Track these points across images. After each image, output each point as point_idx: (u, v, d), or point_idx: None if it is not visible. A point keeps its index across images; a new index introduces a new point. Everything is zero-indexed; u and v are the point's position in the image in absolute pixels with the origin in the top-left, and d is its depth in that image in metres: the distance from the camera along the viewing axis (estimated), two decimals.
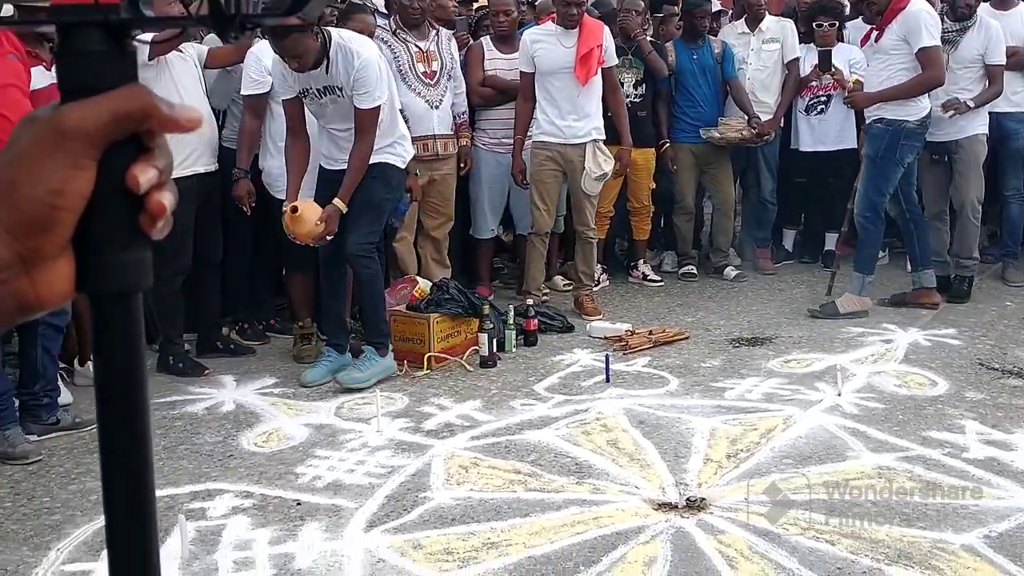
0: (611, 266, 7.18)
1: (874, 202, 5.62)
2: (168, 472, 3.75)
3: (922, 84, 5.52)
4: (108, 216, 0.57)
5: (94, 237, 0.58)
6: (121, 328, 0.60)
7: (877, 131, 5.56)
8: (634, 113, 6.59)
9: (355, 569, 2.95)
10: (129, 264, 0.59)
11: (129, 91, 0.56)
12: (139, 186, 0.56)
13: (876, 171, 5.56)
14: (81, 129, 0.54)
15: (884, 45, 5.54)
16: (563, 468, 3.69)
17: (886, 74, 5.54)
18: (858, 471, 3.61)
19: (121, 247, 0.58)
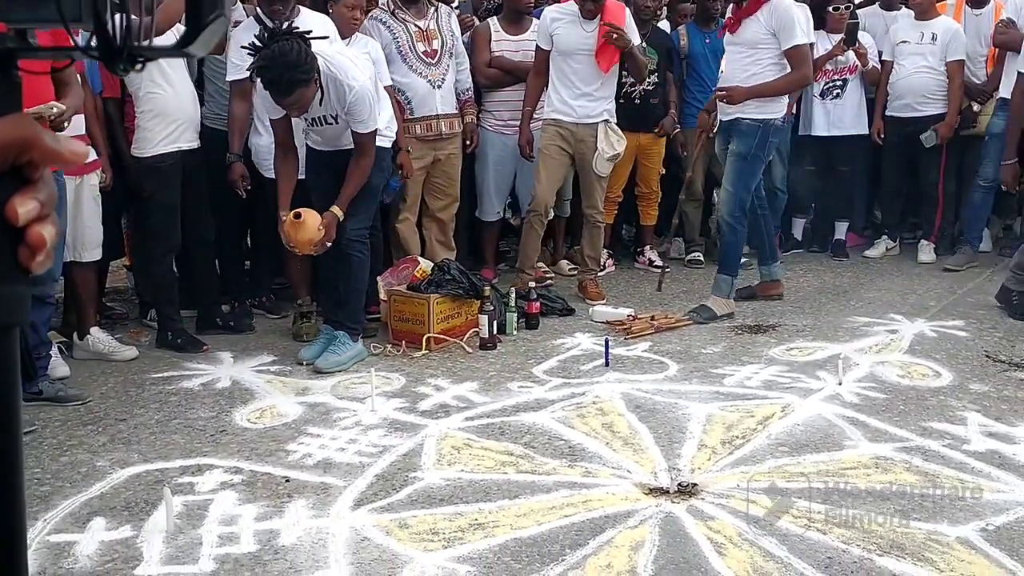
0: (617, 251, 7.13)
1: (743, 201, 5.38)
2: (160, 446, 3.73)
3: (794, 83, 5.36)
4: None
5: None
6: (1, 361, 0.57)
7: (748, 128, 5.29)
8: (646, 100, 6.54)
9: (339, 547, 2.92)
10: (7, 298, 0.56)
11: (11, 121, 0.54)
12: (18, 218, 0.54)
13: (746, 169, 5.32)
14: None
15: (749, 37, 5.24)
16: (556, 451, 3.65)
17: (753, 69, 5.24)
18: (855, 460, 3.55)
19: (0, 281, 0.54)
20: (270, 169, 4.91)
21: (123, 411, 4.13)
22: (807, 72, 5.35)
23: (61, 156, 0.56)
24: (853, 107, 7.03)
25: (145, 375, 4.61)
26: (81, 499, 3.26)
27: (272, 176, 4.86)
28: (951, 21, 6.88)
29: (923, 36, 6.75)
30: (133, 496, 3.28)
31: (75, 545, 2.95)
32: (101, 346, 4.82)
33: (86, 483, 3.39)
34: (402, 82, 5.56)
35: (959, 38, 6.70)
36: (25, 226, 0.55)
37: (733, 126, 5.37)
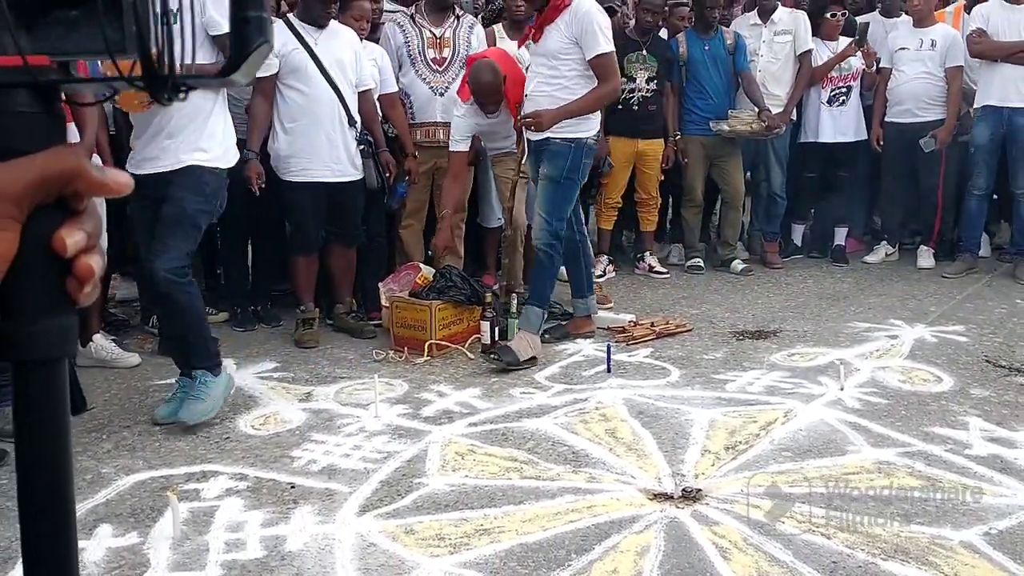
0: (617, 257, 7.15)
1: (557, 228, 4.85)
2: (164, 453, 3.74)
3: (603, 97, 4.84)
4: (34, 282, 0.56)
5: (19, 303, 0.56)
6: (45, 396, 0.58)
7: (559, 149, 4.77)
8: (645, 107, 6.58)
9: (345, 552, 2.93)
10: (54, 331, 0.57)
11: (56, 153, 0.55)
12: (66, 249, 0.55)
13: (560, 193, 4.82)
14: (5, 192, 0.52)
15: (551, 47, 4.72)
16: (560, 456, 3.66)
17: (560, 83, 4.74)
18: (858, 465, 3.57)
19: (47, 314, 0.56)
20: (287, 172, 5.02)
21: (127, 418, 4.14)
22: (616, 84, 4.87)
23: (107, 187, 0.57)
24: (855, 114, 7.08)
25: (148, 382, 4.62)
26: (87, 506, 3.27)
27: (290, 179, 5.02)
28: (949, 28, 6.93)
29: (922, 43, 6.79)
30: (139, 503, 3.29)
31: (82, 552, 2.96)
32: (104, 353, 4.83)
33: (92, 490, 3.40)
34: (406, 85, 5.63)
35: (958, 44, 6.73)
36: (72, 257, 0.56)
37: (543, 148, 4.86)
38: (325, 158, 5.05)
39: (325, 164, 5.07)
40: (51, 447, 0.60)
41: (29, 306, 0.57)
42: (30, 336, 0.57)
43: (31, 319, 0.57)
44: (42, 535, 0.62)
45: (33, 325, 0.57)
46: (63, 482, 0.61)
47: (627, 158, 6.64)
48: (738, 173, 6.96)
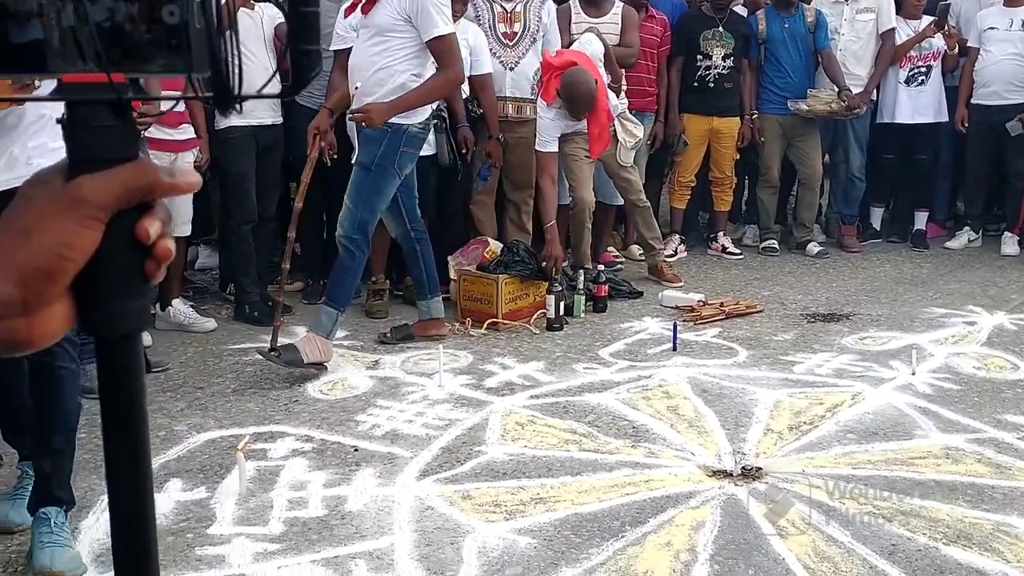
0: (690, 237, 7.09)
1: (366, 221, 4.31)
2: (235, 413, 3.86)
3: (442, 86, 4.35)
4: (117, 270, 0.63)
5: (103, 289, 0.63)
6: (126, 365, 0.67)
7: (373, 134, 4.25)
8: (720, 84, 6.49)
9: (403, 514, 2.99)
10: (133, 311, 0.65)
11: (137, 169, 0.62)
12: (149, 237, 0.63)
13: (371, 182, 4.28)
14: (96, 200, 0.60)
15: (380, 22, 4.19)
16: (619, 431, 3.67)
17: (384, 60, 4.20)
18: (925, 450, 3.50)
19: (128, 296, 0.64)
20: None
21: (201, 379, 4.27)
22: (457, 71, 4.34)
23: (179, 190, 0.64)
24: (936, 94, 6.87)
25: (223, 346, 4.75)
26: (159, 461, 3.39)
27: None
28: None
29: (1012, 23, 6.55)
30: (208, 460, 3.41)
31: None
32: (182, 318, 4.98)
33: (164, 446, 3.52)
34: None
35: None
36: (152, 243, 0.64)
37: (359, 130, 4.42)
38: None
39: None
40: (130, 411, 0.67)
41: (111, 290, 0.63)
42: (112, 316, 0.64)
43: (113, 301, 0.64)
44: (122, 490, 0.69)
45: (115, 306, 0.64)
46: (141, 443, 0.68)
47: (702, 136, 6.56)
48: (816, 154, 6.82)
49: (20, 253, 0.59)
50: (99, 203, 0.60)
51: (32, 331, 0.62)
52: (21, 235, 0.60)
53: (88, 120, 0.62)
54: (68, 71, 0.61)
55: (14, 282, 0.60)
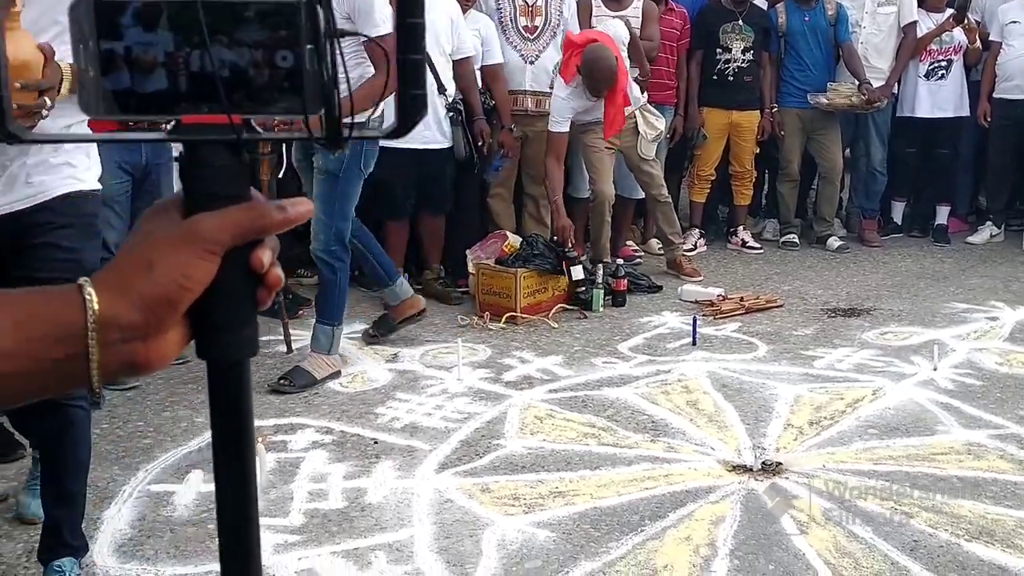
0: (710, 231, 7.06)
1: (341, 230, 4.13)
2: (255, 405, 3.82)
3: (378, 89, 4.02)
4: (231, 299, 0.67)
5: (218, 317, 0.67)
6: (237, 391, 0.71)
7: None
8: (740, 77, 6.46)
9: (423, 507, 3.00)
10: (246, 339, 0.69)
11: (252, 213, 0.66)
12: (263, 266, 0.67)
13: (341, 188, 4.06)
14: (212, 238, 0.64)
15: None
16: (639, 425, 3.67)
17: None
18: (947, 446, 3.47)
19: (241, 324, 0.68)
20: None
21: None
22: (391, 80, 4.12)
23: (291, 222, 0.68)
24: (956, 88, 6.81)
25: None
26: (181, 452, 3.41)
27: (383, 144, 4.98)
28: None
29: None
30: None
31: (174, 495, 3.10)
32: None
33: (185, 437, 3.54)
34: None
35: None
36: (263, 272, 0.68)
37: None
38: None
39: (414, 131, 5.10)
40: (241, 435, 0.71)
41: (226, 318, 0.67)
42: (226, 343, 0.68)
43: (227, 329, 0.67)
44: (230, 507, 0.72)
45: (229, 334, 0.68)
46: (248, 463, 0.72)
47: (721, 129, 6.53)
48: (836, 147, 6.77)
49: (144, 282, 0.63)
50: (216, 240, 0.64)
51: (149, 355, 0.65)
52: (144, 265, 0.64)
53: (207, 159, 0.66)
54: (189, 112, 0.65)
55: (139, 308, 0.63)
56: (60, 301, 0.63)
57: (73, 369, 0.63)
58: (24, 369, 0.62)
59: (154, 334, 0.65)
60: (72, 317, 0.62)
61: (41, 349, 0.62)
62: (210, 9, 0.62)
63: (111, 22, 0.63)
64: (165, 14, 0.63)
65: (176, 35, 0.63)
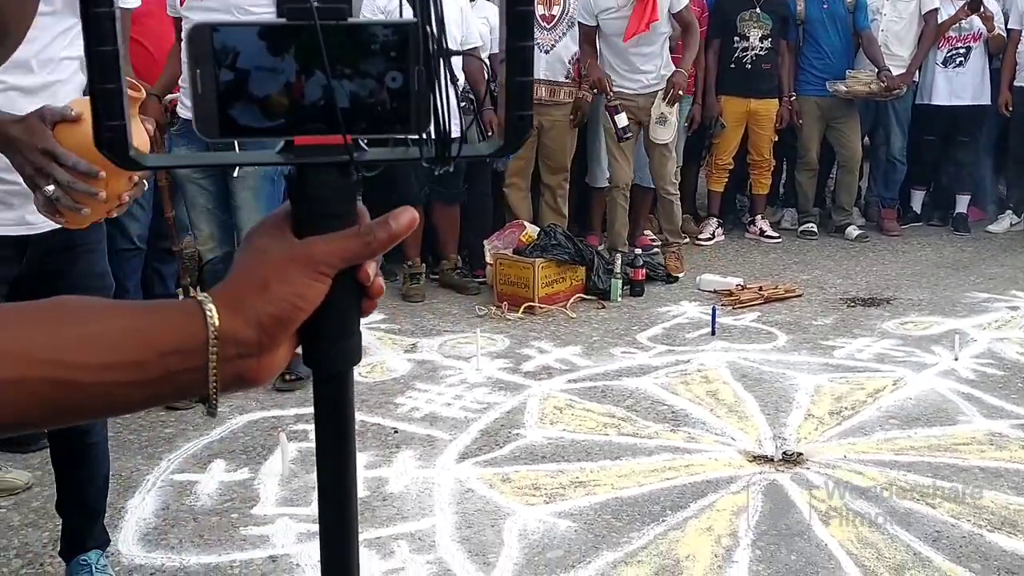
0: (728, 220, 7.03)
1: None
2: (276, 395, 3.89)
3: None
4: (340, 314, 0.69)
5: (327, 332, 0.69)
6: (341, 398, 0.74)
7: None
8: (758, 66, 6.42)
9: (444, 496, 3.01)
10: (351, 349, 0.71)
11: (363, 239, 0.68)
12: (370, 279, 0.70)
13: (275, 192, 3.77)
14: (325, 262, 0.67)
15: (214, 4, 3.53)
16: (658, 415, 3.66)
17: None
18: (969, 436, 3.46)
19: (348, 336, 0.70)
20: None
21: None
22: None
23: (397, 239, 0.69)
24: (976, 76, 6.75)
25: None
26: (203, 442, 3.44)
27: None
28: None
29: None
30: (251, 441, 3.44)
31: (197, 484, 3.12)
32: None
33: (207, 427, 3.57)
34: None
35: None
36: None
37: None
38: None
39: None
40: (345, 441, 0.74)
41: (334, 332, 0.69)
42: (332, 355, 0.70)
43: (335, 342, 0.69)
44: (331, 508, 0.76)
45: (335, 347, 0.70)
46: (349, 468, 0.75)
47: (739, 118, 6.50)
48: (855, 136, 6.73)
49: (260, 302, 0.66)
50: (329, 264, 0.66)
51: (260, 370, 0.67)
52: (260, 285, 0.66)
53: (318, 179, 0.68)
54: (302, 133, 0.66)
55: (254, 327, 0.65)
56: (181, 316, 0.65)
57: (191, 381, 0.65)
58: (149, 379, 0.64)
59: (267, 351, 0.67)
60: (195, 332, 0.64)
61: (166, 361, 0.64)
62: (327, 32, 0.64)
63: (230, 48, 0.64)
64: (283, 38, 0.64)
65: (295, 60, 0.64)
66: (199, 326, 0.64)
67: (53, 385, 0.62)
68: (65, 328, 0.64)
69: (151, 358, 0.64)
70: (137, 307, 0.67)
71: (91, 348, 0.63)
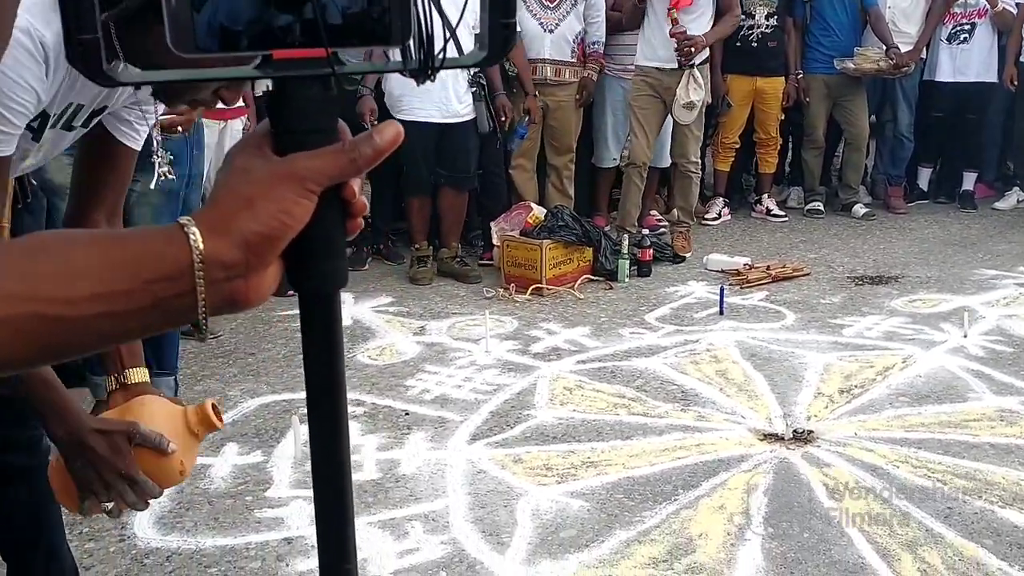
0: (734, 200, 7.02)
1: None
2: (287, 379, 3.90)
3: None
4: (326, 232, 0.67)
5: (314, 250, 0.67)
6: (329, 320, 0.72)
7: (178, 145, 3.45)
8: (764, 43, 6.39)
9: (456, 477, 3.02)
10: (338, 269, 0.70)
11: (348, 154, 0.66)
12: (355, 194, 0.68)
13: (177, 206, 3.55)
14: (311, 178, 0.65)
15: None
16: (668, 395, 3.67)
17: None
18: (979, 412, 3.46)
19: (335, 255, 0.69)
20: (399, 111, 5.03)
21: (252, 346, 4.33)
22: None
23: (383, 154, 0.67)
24: (982, 52, 6.71)
25: (272, 313, 4.79)
26: None
27: (403, 118, 4.89)
28: None
29: None
30: (263, 424, 3.46)
31: (210, 468, 3.13)
32: None
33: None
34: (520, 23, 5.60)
35: None
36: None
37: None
38: (436, 98, 5.08)
39: (435, 104, 5.10)
40: (330, 359, 0.73)
41: (320, 250, 0.68)
42: (320, 275, 0.69)
43: (322, 261, 0.68)
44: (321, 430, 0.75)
45: (323, 265, 0.68)
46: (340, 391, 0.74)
47: (745, 96, 6.47)
48: (863, 113, 6.71)
49: (245, 220, 0.64)
50: (315, 181, 0.65)
51: (249, 291, 0.66)
52: (244, 204, 0.64)
53: (298, 94, 0.66)
54: (281, 47, 0.64)
55: (239, 246, 0.64)
56: (164, 241, 0.64)
57: (181, 307, 0.64)
58: (139, 307, 0.63)
59: (254, 271, 0.66)
60: (178, 256, 0.63)
61: (153, 289, 0.63)
62: None
63: None
64: None
65: None
66: (183, 251, 0.63)
67: (40, 321, 0.61)
68: (44, 264, 0.62)
69: (138, 286, 0.63)
70: (120, 236, 0.66)
71: (75, 281, 0.62)
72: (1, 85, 1.38)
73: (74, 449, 1.52)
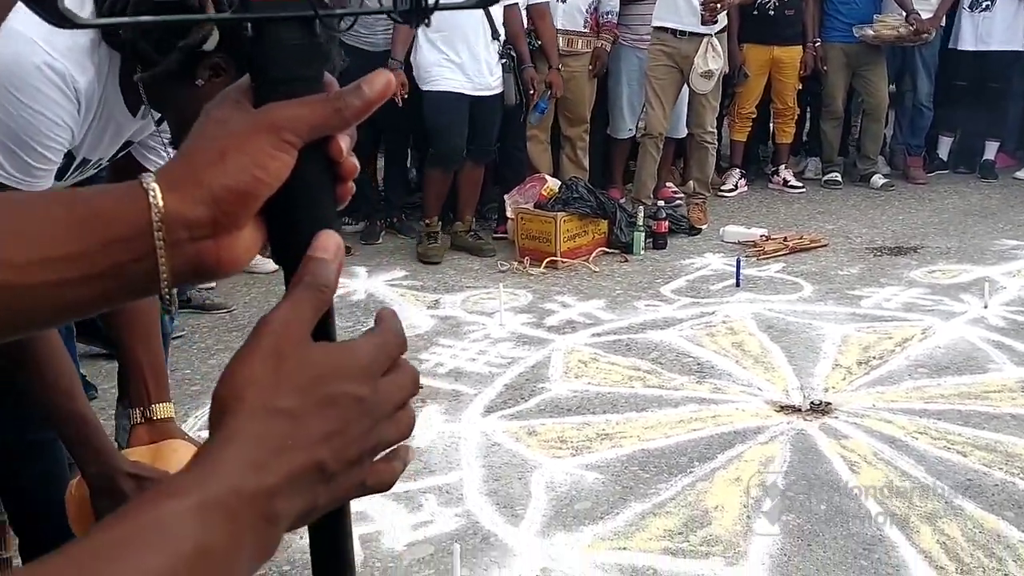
0: (751, 170, 6.94)
1: None
2: None
3: None
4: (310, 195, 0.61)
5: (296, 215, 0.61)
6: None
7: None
8: (781, 12, 6.29)
9: (471, 450, 3.01)
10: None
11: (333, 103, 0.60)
12: (342, 152, 0.61)
13: None
14: (289, 128, 0.58)
15: None
16: (684, 367, 3.64)
17: None
18: (999, 384, 3.42)
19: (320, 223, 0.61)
20: (428, 82, 4.96)
21: None
22: None
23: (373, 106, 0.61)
24: (1005, 20, 6.58)
25: (284, 287, 4.78)
26: None
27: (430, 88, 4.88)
28: None
29: None
30: None
31: None
32: None
33: None
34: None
35: None
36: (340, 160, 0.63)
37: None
38: (468, 70, 5.01)
39: (467, 76, 5.02)
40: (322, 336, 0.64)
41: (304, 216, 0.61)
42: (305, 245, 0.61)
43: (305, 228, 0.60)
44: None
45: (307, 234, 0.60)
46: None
47: (762, 65, 6.38)
48: (883, 83, 6.61)
49: (214, 174, 0.57)
50: (294, 131, 0.58)
51: (220, 255, 0.59)
52: (215, 156, 0.58)
53: (278, 39, 0.60)
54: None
55: (206, 202, 0.57)
56: (121, 199, 0.57)
57: (141, 273, 0.58)
58: (88, 273, 0.57)
59: (225, 232, 0.59)
60: (135, 215, 0.57)
61: (106, 252, 0.57)
62: None
63: None
64: None
65: None
66: (141, 208, 0.56)
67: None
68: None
69: (92, 249, 0.56)
70: (75, 195, 0.59)
71: (25, 243, 0.56)
72: (40, 126, 1.49)
73: (103, 488, 1.52)
